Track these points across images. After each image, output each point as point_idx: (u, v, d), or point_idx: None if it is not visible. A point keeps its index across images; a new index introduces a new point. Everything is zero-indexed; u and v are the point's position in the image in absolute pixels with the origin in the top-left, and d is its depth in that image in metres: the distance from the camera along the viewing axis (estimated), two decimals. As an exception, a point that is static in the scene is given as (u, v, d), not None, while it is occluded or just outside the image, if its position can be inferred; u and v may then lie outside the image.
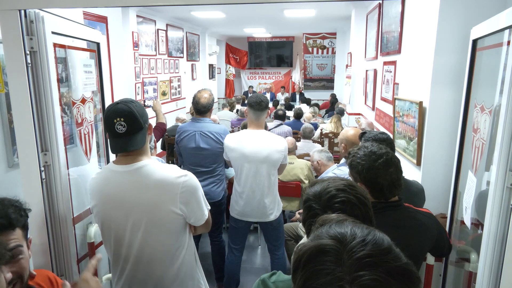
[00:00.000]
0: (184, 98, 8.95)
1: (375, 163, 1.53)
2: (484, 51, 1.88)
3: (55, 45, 1.71)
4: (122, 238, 1.57)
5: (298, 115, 6.29)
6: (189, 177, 1.56)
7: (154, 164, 1.55)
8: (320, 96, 12.06)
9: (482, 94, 1.85)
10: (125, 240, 1.57)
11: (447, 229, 2.09)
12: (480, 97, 1.86)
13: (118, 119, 1.46)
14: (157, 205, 1.52)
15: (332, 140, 5.40)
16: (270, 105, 6.75)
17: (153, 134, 1.67)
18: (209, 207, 1.70)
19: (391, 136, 3.00)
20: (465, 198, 1.90)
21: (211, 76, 11.17)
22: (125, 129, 1.46)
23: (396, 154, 1.72)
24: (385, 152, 1.56)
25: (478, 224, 1.82)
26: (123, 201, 1.53)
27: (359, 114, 6.31)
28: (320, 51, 12.09)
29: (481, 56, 1.90)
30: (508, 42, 1.70)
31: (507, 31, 1.59)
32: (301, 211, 2.44)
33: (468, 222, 1.83)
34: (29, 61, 1.60)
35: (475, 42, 1.92)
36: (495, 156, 1.47)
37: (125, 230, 1.56)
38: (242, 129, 4.50)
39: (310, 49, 12.10)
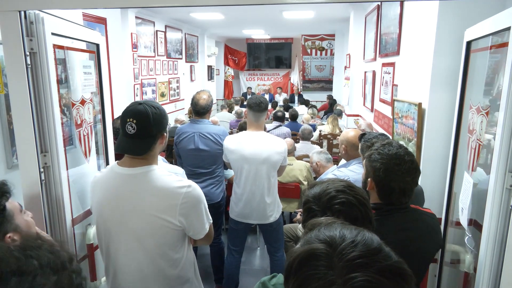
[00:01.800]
0: (183, 99, 8.95)
1: (395, 167, 1.46)
2: (478, 52, 1.89)
3: (54, 46, 1.71)
4: (115, 242, 1.54)
5: (293, 116, 6.29)
6: (192, 188, 1.50)
7: (158, 171, 1.51)
8: (318, 97, 12.08)
9: (478, 96, 1.86)
10: (118, 244, 1.53)
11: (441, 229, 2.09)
12: (475, 98, 1.87)
13: (131, 119, 1.44)
14: (154, 214, 1.47)
15: (330, 141, 5.40)
16: (269, 106, 6.76)
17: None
18: (211, 221, 1.63)
19: (391, 137, 3.00)
20: (461, 199, 1.91)
21: (210, 77, 11.17)
22: (134, 131, 1.44)
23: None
24: (409, 160, 1.49)
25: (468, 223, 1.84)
26: (119, 204, 1.49)
27: (357, 115, 6.32)
28: (318, 52, 12.10)
29: (476, 57, 1.91)
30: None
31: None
32: (301, 210, 2.44)
33: (464, 223, 1.83)
34: (28, 62, 1.59)
35: (469, 44, 1.94)
36: (495, 157, 1.47)
37: (119, 234, 1.52)
38: (239, 130, 4.50)
39: (308, 50, 12.12)
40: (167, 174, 1.53)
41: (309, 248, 0.65)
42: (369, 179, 1.53)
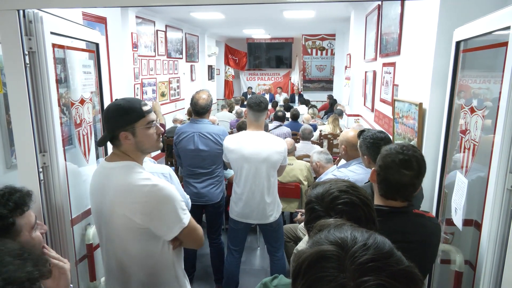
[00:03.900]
0: (183, 99, 8.94)
1: (394, 156, 1.47)
2: (467, 53, 1.90)
3: (54, 45, 1.70)
4: (100, 235, 1.63)
5: (295, 116, 6.29)
6: (157, 188, 1.45)
7: (131, 167, 1.50)
8: (319, 97, 12.07)
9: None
10: (102, 237, 1.62)
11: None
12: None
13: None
14: (117, 209, 1.48)
15: (331, 141, 5.39)
16: (269, 106, 6.76)
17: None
18: (185, 224, 1.52)
19: (391, 137, 2.99)
20: (454, 199, 1.90)
21: (210, 77, 11.16)
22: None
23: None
24: (412, 154, 1.47)
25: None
26: (99, 197, 1.56)
27: (358, 115, 6.31)
28: (319, 52, 12.10)
29: (466, 57, 1.92)
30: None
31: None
32: (302, 210, 2.43)
33: (459, 224, 1.82)
34: (27, 61, 1.59)
35: (458, 44, 1.94)
36: (495, 157, 1.46)
37: (100, 228, 1.60)
38: (237, 130, 4.49)
39: (309, 50, 12.11)
40: (137, 171, 1.50)
41: (319, 249, 0.64)
42: (373, 168, 1.57)
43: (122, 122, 1.49)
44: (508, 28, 1.42)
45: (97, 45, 2.13)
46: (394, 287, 0.58)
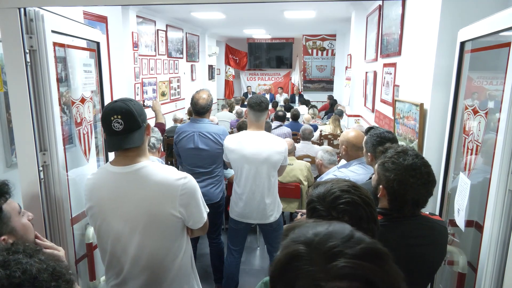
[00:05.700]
0: (184, 98, 8.94)
1: (410, 179, 1.38)
2: (472, 53, 1.89)
3: (54, 44, 1.70)
4: (120, 241, 1.54)
5: (295, 116, 6.29)
6: (188, 179, 1.54)
7: (153, 166, 1.53)
8: (319, 97, 12.07)
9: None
10: (123, 243, 1.54)
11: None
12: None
13: (115, 116, 1.43)
14: (156, 208, 1.49)
15: (331, 142, 5.39)
16: (270, 106, 6.76)
17: (152, 135, 1.67)
18: (208, 210, 1.67)
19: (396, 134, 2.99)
20: (457, 200, 1.90)
21: (211, 77, 11.15)
22: (122, 126, 1.44)
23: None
24: (426, 171, 1.41)
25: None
26: (121, 203, 1.50)
27: (358, 116, 6.31)
28: (319, 52, 12.09)
29: (470, 58, 1.91)
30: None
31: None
32: (302, 211, 2.43)
33: (462, 225, 1.82)
34: (28, 60, 1.59)
35: (462, 44, 1.93)
36: (496, 159, 1.46)
37: (123, 232, 1.53)
38: (237, 130, 4.49)
39: (309, 50, 12.10)
40: (162, 167, 1.56)
41: (287, 252, 0.66)
42: (380, 186, 1.47)
43: (145, 114, 1.56)
44: (511, 28, 1.42)
45: (97, 44, 2.13)
46: (361, 266, 0.59)
